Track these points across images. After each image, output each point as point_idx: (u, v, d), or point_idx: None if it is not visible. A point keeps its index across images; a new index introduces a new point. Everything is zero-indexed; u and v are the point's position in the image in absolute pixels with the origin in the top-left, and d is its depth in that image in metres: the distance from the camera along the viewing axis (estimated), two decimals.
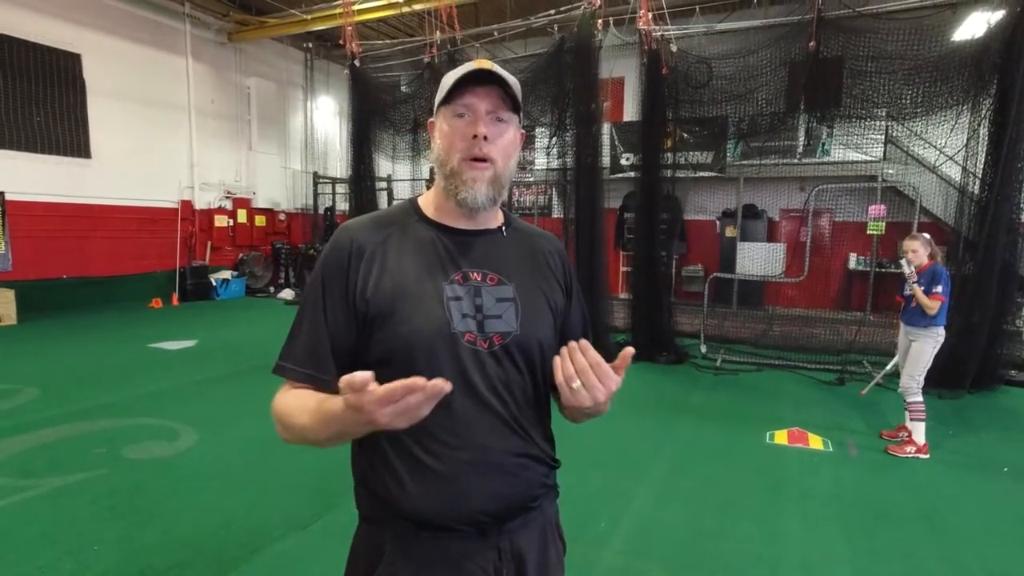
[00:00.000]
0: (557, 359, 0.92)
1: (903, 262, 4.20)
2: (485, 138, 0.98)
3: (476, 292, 1.02)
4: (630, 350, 0.95)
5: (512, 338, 1.01)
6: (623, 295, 10.13)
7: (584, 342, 0.93)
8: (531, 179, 11.99)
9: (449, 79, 1.01)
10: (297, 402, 0.96)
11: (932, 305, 3.97)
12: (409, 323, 0.97)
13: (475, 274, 1.03)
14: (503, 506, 0.99)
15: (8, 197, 8.52)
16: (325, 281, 1.02)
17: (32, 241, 8.82)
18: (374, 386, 0.75)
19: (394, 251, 1.03)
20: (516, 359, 1.02)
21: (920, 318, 4.07)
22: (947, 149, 7.32)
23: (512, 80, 1.02)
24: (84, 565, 2.58)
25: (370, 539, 1.04)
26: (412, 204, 1.11)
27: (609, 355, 0.96)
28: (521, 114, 1.06)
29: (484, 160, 1.00)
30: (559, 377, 0.91)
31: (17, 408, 4.63)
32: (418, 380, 0.75)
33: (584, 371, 0.90)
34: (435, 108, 1.05)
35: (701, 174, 10.06)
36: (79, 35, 9.28)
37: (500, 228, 1.11)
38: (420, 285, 1.00)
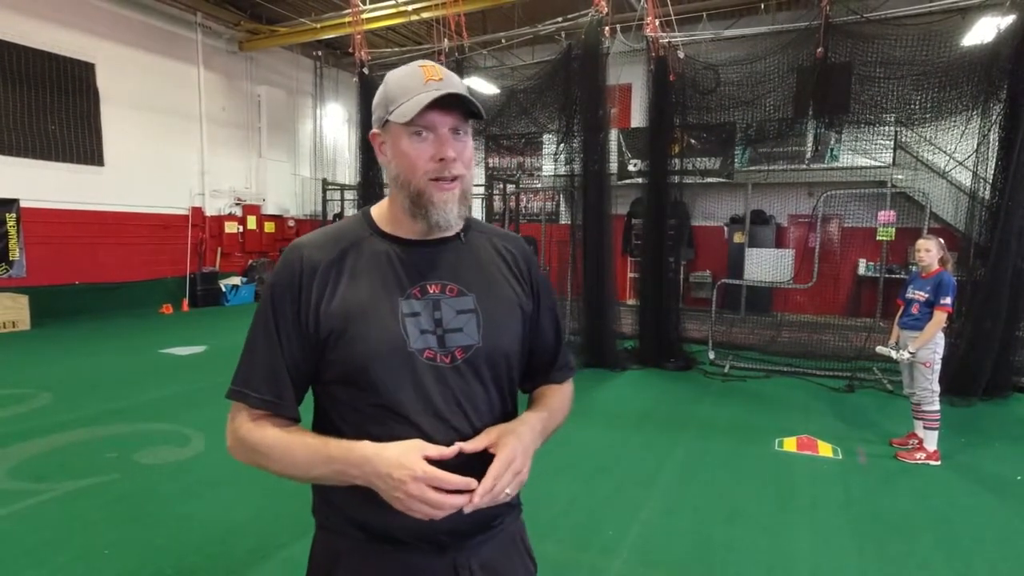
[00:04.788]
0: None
1: (891, 352, 4.11)
2: (454, 159, 0.94)
3: (435, 305, 0.98)
4: (497, 444, 0.93)
5: (475, 351, 0.98)
6: (631, 301, 10.11)
7: (471, 480, 0.86)
8: (539, 185, 12.02)
9: (400, 93, 0.93)
10: (289, 436, 0.94)
11: (940, 319, 3.89)
12: (363, 343, 0.93)
13: (433, 286, 0.99)
14: (461, 524, 0.93)
15: (23, 204, 8.65)
16: (275, 303, 0.97)
17: (46, 248, 8.94)
18: (428, 467, 0.85)
19: (348, 268, 0.98)
20: (480, 372, 0.99)
21: (919, 323, 4.00)
22: (957, 154, 7.28)
23: (465, 88, 0.97)
24: (95, 569, 2.60)
25: (327, 547, 1.02)
26: (366, 217, 1.05)
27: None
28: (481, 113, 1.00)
29: (452, 179, 0.95)
30: (497, 500, 0.90)
31: (31, 413, 4.69)
32: (458, 480, 0.85)
33: (499, 484, 0.89)
34: (381, 120, 0.96)
35: (709, 180, 10.06)
36: (93, 45, 9.43)
37: (458, 235, 1.04)
38: (374, 303, 0.95)
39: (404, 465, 0.84)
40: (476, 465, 0.90)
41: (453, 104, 0.93)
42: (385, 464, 0.85)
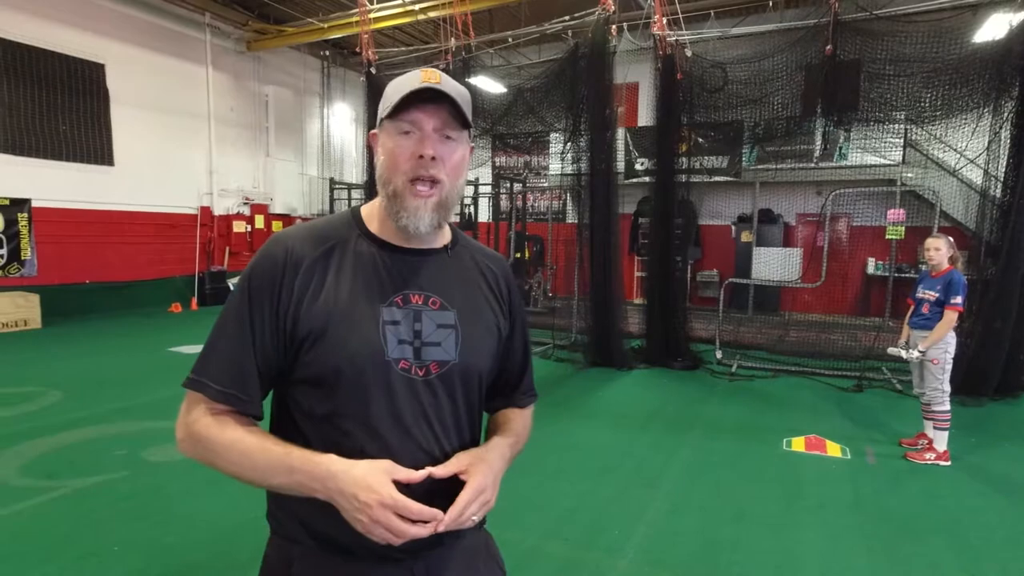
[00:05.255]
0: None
1: (902, 352, 4.07)
2: (433, 159, 0.92)
3: (416, 317, 0.96)
4: (466, 473, 0.93)
5: (450, 367, 0.97)
6: (637, 300, 10.09)
7: (436, 511, 0.85)
8: (545, 184, 12.01)
9: (393, 92, 0.94)
10: (250, 439, 0.89)
11: (951, 319, 3.86)
12: (341, 347, 0.91)
13: (416, 297, 0.97)
14: (418, 540, 0.87)
15: (34, 204, 8.73)
16: (252, 294, 0.93)
17: (56, 247, 9.02)
18: (396, 493, 0.82)
19: (332, 268, 0.95)
20: (453, 389, 0.97)
21: (930, 323, 3.97)
22: (968, 152, 7.21)
23: (462, 94, 0.95)
24: (106, 565, 2.63)
25: (280, 554, 0.98)
26: (354, 216, 1.02)
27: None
28: (471, 130, 1.00)
29: (430, 182, 0.93)
30: (465, 526, 0.90)
31: (41, 411, 4.73)
32: (424, 510, 0.83)
33: (465, 513, 0.89)
34: (378, 120, 0.97)
35: (716, 179, 10.02)
36: (103, 46, 9.50)
37: (445, 248, 1.04)
38: (356, 307, 0.93)
39: (372, 488, 0.81)
40: (442, 488, 0.89)
41: (438, 100, 0.92)
42: (351, 484, 0.82)
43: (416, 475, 0.86)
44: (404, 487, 0.86)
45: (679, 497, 3.48)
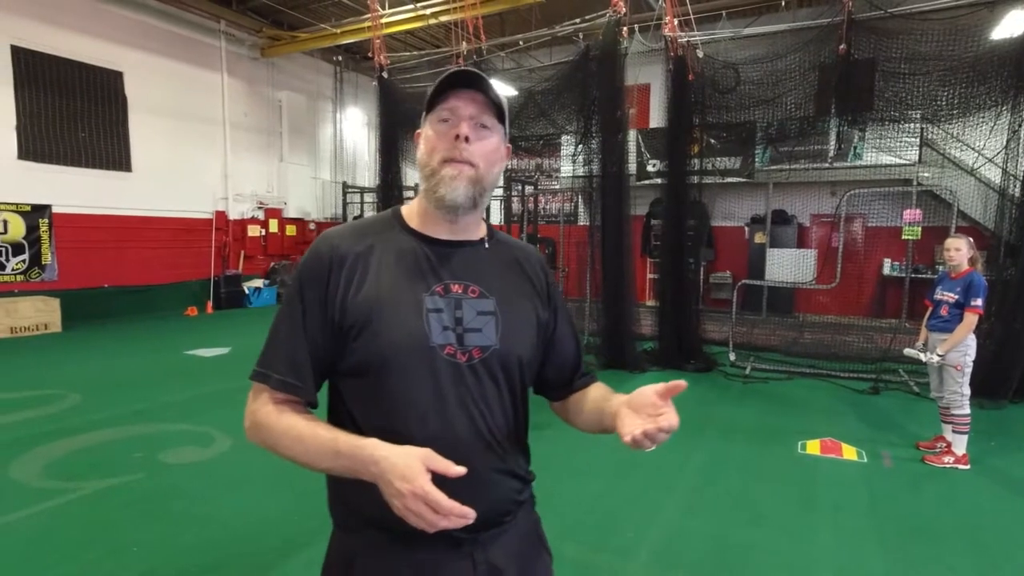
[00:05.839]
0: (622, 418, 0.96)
1: (921, 355, 3.99)
2: (467, 139, 0.97)
3: (457, 304, 1.00)
4: (681, 383, 0.96)
5: (491, 352, 1.00)
6: (650, 302, 10.05)
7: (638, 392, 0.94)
8: (557, 187, 12.01)
9: (433, 86, 1.01)
10: (302, 424, 0.95)
11: (971, 321, 3.78)
12: (386, 334, 0.96)
13: (456, 286, 1.02)
14: (476, 521, 0.90)
15: (55, 210, 8.89)
16: (304, 290, 1.00)
17: (76, 252, 9.17)
18: (428, 485, 0.82)
19: (375, 261, 1.01)
20: (495, 373, 1.01)
21: (949, 326, 3.89)
22: (986, 151, 7.11)
23: (497, 88, 1.01)
24: (124, 566, 2.67)
25: (342, 548, 1.03)
26: (395, 214, 1.09)
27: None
28: (507, 125, 1.05)
29: (465, 163, 0.98)
30: (628, 440, 0.92)
31: (61, 413, 4.81)
32: (454, 507, 0.82)
33: (649, 434, 0.92)
34: (422, 119, 1.04)
35: (729, 180, 9.96)
36: (121, 54, 9.66)
37: (483, 240, 1.09)
38: (399, 295, 0.98)
39: (406, 478, 0.83)
40: (479, 477, 0.93)
41: (473, 86, 0.98)
42: (390, 471, 0.85)
43: (453, 470, 0.86)
44: (426, 423, 0.93)
45: (693, 499, 3.46)
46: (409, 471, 0.84)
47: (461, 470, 0.86)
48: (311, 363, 0.99)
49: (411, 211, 1.08)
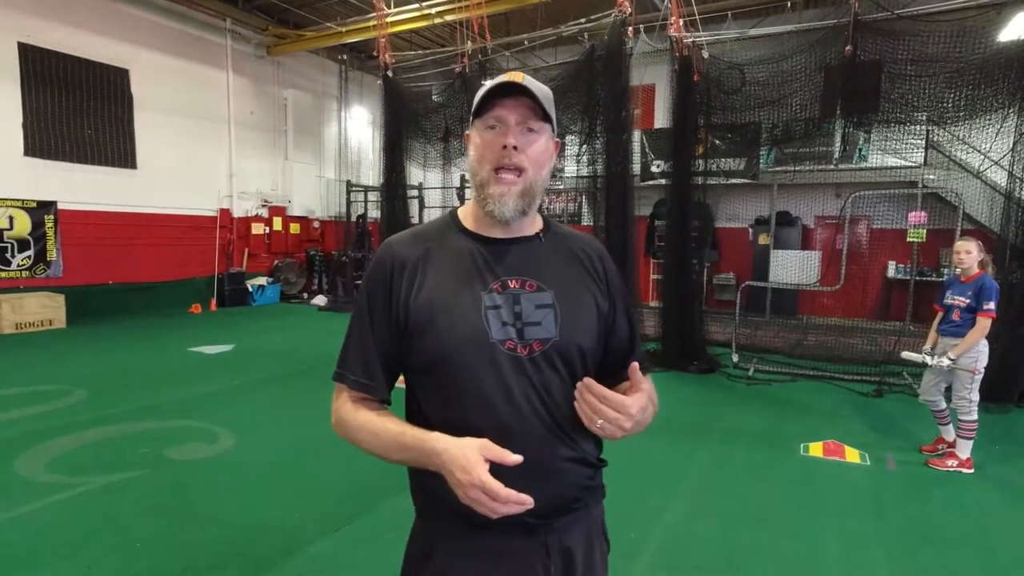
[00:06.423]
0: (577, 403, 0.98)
1: (927, 358, 3.96)
2: (515, 148, 1.01)
3: (515, 300, 1.04)
4: (634, 365, 1.00)
5: (552, 344, 1.03)
6: (653, 303, 10.03)
7: (587, 381, 0.97)
8: (561, 187, 12.00)
9: (480, 93, 1.04)
10: (376, 420, 1.04)
11: (984, 325, 3.74)
12: (447, 333, 1.01)
13: (513, 282, 1.05)
14: (547, 508, 1.00)
15: (60, 206, 8.93)
16: (370, 296, 1.08)
17: (81, 249, 9.21)
18: (485, 475, 0.87)
19: (433, 263, 1.06)
20: (556, 364, 1.04)
21: (961, 330, 3.85)
22: (992, 153, 7.08)
23: (542, 90, 1.04)
24: (128, 561, 2.68)
25: (423, 535, 1.09)
26: (452, 216, 1.14)
27: (641, 364, 0.99)
28: (554, 122, 1.08)
29: (514, 170, 1.02)
30: (584, 421, 0.97)
31: (67, 408, 4.84)
32: (511, 495, 0.87)
33: (598, 410, 0.95)
34: (470, 120, 1.08)
35: (733, 181, 9.93)
36: (128, 52, 9.70)
37: (538, 235, 1.12)
38: (458, 295, 1.03)
39: (465, 468, 0.89)
40: (543, 471, 0.98)
41: (518, 95, 1.01)
42: (450, 462, 0.91)
43: (509, 458, 0.90)
44: (496, 416, 0.98)
45: (696, 501, 3.46)
46: (467, 462, 0.89)
47: (517, 458, 0.90)
48: (381, 364, 1.07)
49: (467, 212, 1.13)
